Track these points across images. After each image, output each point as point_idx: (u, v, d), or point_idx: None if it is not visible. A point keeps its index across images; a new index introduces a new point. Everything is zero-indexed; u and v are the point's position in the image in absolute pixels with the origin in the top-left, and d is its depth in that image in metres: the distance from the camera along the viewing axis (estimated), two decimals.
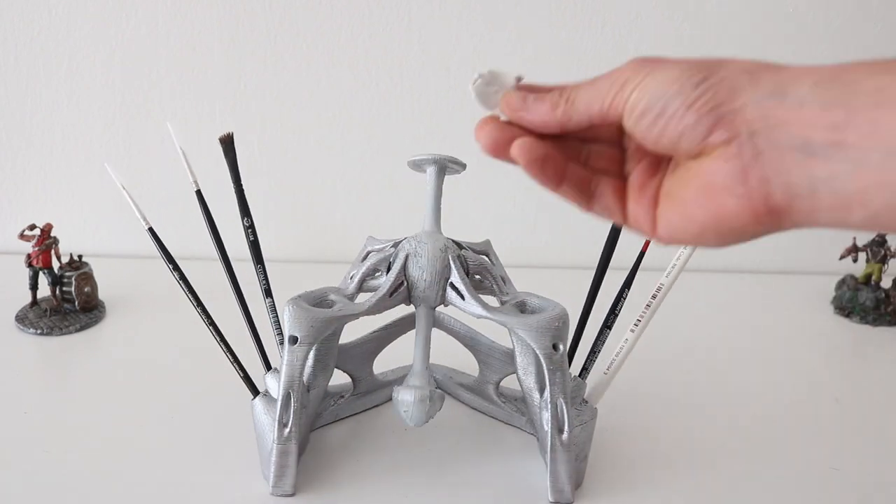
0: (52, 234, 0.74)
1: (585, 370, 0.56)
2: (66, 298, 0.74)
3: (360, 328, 0.58)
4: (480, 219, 0.91)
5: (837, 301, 0.84)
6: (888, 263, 0.83)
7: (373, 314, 0.51)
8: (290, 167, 0.90)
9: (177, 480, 0.52)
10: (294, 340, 0.48)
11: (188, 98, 0.87)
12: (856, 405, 0.66)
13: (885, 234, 0.83)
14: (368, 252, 0.56)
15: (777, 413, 0.64)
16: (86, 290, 0.74)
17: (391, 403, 0.52)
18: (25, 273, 0.74)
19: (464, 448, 0.57)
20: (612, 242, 0.55)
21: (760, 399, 0.66)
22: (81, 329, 0.73)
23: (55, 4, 0.83)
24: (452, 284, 0.51)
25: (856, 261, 0.84)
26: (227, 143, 0.54)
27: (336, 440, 0.58)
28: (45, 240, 0.73)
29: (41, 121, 0.87)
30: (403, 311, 0.57)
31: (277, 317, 0.56)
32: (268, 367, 0.55)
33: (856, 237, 0.83)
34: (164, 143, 0.86)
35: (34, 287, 0.74)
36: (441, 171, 0.55)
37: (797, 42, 0.87)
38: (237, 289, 0.55)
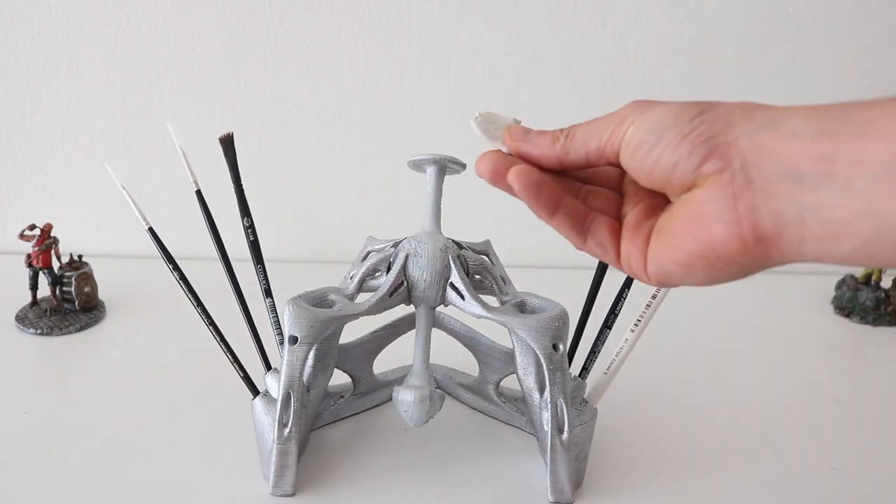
0: (52, 234, 0.74)
1: (585, 370, 0.56)
2: (66, 298, 0.74)
3: (360, 328, 0.58)
4: (480, 219, 0.91)
5: (837, 301, 0.84)
6: None
7: (373, 314, 0.51)
8: (290, 167, 0.90)
9: (177, 480, 0.52)
10: (294, 340, 0.48)
11: (188, 98, 0.87)
12: (856, 405, 0.66)
13: None
14: (368, 252, 0.56)
15: (777, 413, 0.64)
16: (86, 290, 0.74)
17: (391, 403, 0.52)
18: (25, 273, 0.74)
19: (464, 448, 0.57)
20: None
21: (760, 399, 0.66)
22: (81, 329, 0.73)
23: (55, 4, 0.83)
24: (452, 284, 0.51)
25: None
26: (227, 143, 0.54)
27: (336, 440, 0.58)
28: (45, 240, 0.73)
29: (41, 121, 0.87)
30: (403, 311, 0.57)
31: (277, 317, 0.56)
32: (268, 367, 0.55)
33: None
34: (164, 143, 0.86)
35: (34, 287, 0.74)
36: (441, 171, 0.55)
37: (797, 42, 0.87)
38: (237, 289, 0.55)
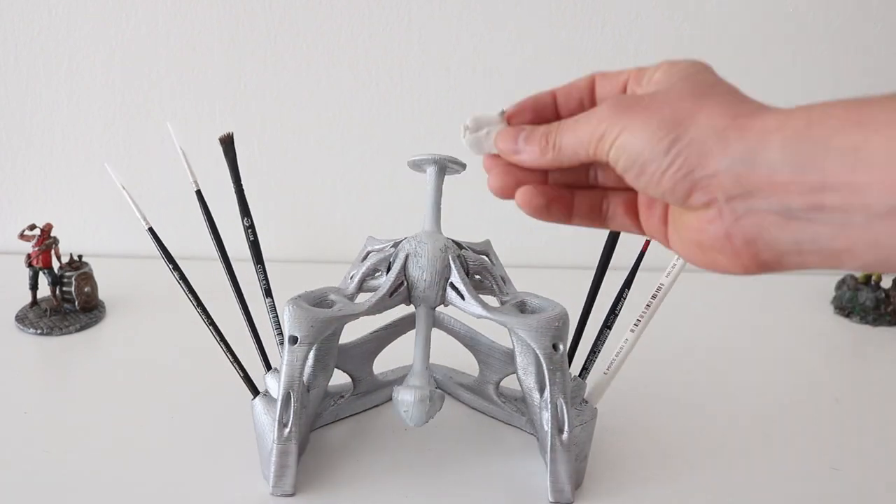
0: (52, 234, 0.74)
1: (585, 370, 0.56)
2: (66, 298, 0.74)
3: (360, 328, 0.58)
4: (480, 219, 0.91)
5: (837, 301, 0.84)
6: None
7: (373, 314, 0.51)
8: (290, 167, 0.90)
9: (177, 480, 0.52)
10: (294, 340, 0.48)
11: (188, 98, 0.87)
12: (856, 405, 0.66)
13: None
14: (368, 252, 0.56)
15: (777, 413, 0.64)
16: (86, 290, 0.74)
17: (391, 403, 0.52)
18: (25, 273, 0.74)
19: (464, 448, 0.57)
20: (612, 242, 0.55)
21: (760, 399, 0.66)
22: (81, 329, 0.73)
23: (55, 4, 0.83)
24: (452, 284, 0.51)
25: None
26: (227, 143, 0.54)
27: (336, 440, 0.58)
28: (45, 240, 0.73)
29: (41, 121, 0.87)
30: (403, 311, 0.57)
31: (277, 317, 0.56)
32: (268, 367, 0.55)
33: None
34: (164, 143, 0.86)
35: (34, 287, 0.74)
36: (441, 171, 0.55)
37: (797, 42, 0.87)
38: (237, 289, 0.55)
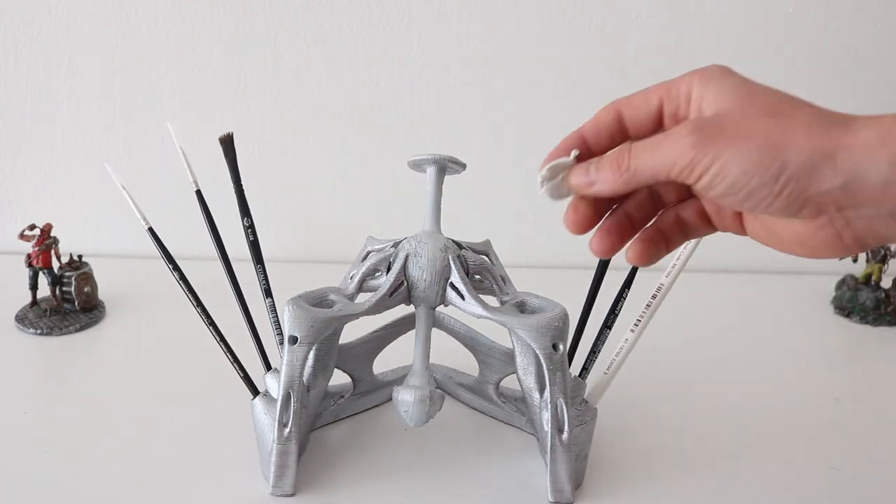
0: (52, 234, 0.74)
1: (585, 370, 0.56)
2: (66, 298, 0.74)
3: (360, 328, 0.58)
4: (480, 219, 0.91)
5: (837, 301, 0.84)
6: (888, 263, 0.83)
7: (373, 314, 0.51)
8: (290, 167, 0.90)
9: (177, 480, 0.52)
10: (294, 340, 0.48)
11: (188, 98, 0.87)
12: (856, 405, 0.66)
13: None
14: (368, 252, 0.56)
15: (777, 413, 0.64)
16: (86, 290, 0.74)
17: (391, 403, 0.52)
18: (25, 273, 0.74)
19: (464, 448, 0.57)
20: None
21: (760, 399, 0.66)
22: (81, 329, 0.73)
23: (55, 4, 0.83)
24: (452, 284, 0.51)
25: (856, 261, 0.84)
26: (227, 143, 0.54)
27: (336, 440, 0.58)
28: (45, 240, 0.73)
29: (41, 121, 0.87)
30: (403, 311, 0.57)
31: (277, 317, 0.56)
32: (268, 367, 0.55)
33: None
34: (164, 143, 0.86)
35: (34, 287, 0.74)
36: (441, 171, 0.55)
37: (797, 42, 0.87)
38: (237, 289, 0.55)
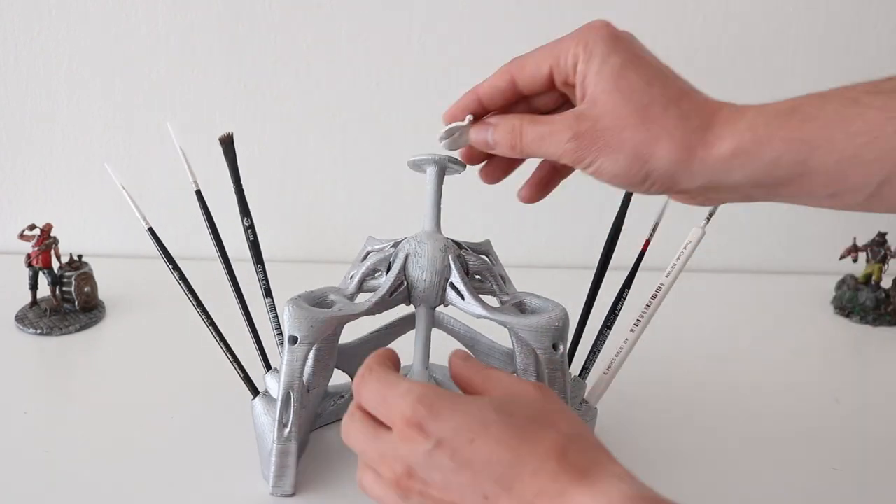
0: (52, 234, 0.74)
1: (585, 370, 0.56)
2: (66, 298, 0.74)
3: (360, 328, 0.58)
4: (480, 219, 0.91)
5: (837, 301, 0.84)
6: (888, 263, 0.83)
7: (373, 314, 0.51)
8: (290, 167, 0.90)
9: (177, 480, 0.52)
10: (294, 340, 0.48)
11: (188, 98, 0.87)
12: (856, 405, 0.66)
13: (885, 234, 0.83)
14: (368, 252, 0.56)
15: (777, 413, 0.64)
16: (86, 290, 0.74)
17: None
18: (25, 273, 0.74)
19: None
20: (612, 242, 0.55)
21: (760, 399, 0.66)
22: (81, 329, 0.73)
23: (55, 4, 0.83)
24: (452, 284, 0.51)
25: (856, 261, 0.84)
26: (227, 143, 0.54)
27: (336, 440, 0.57)
28: (45, 240, 0.73)
29: (41, 121, 0.87)
30: (403, 311, 0.57)
31: (277, 317, 0.56)
32: (268, 367, 0.55)
33: (856, 237, 0.83)
34: (164, 143, 0.85)
35: (34, 287, 0.74)
36: (441, 172, 0.55)
37: (797, 42, 0.87)
38: (237, 289, 0.55)
